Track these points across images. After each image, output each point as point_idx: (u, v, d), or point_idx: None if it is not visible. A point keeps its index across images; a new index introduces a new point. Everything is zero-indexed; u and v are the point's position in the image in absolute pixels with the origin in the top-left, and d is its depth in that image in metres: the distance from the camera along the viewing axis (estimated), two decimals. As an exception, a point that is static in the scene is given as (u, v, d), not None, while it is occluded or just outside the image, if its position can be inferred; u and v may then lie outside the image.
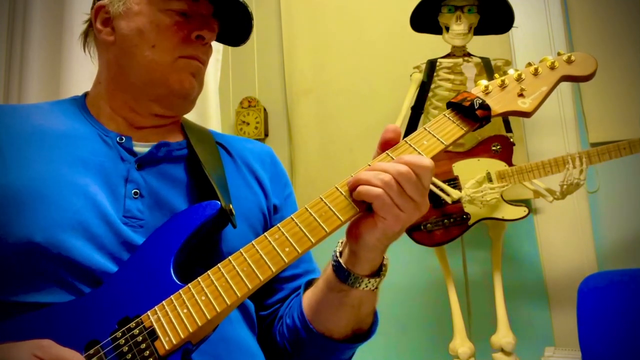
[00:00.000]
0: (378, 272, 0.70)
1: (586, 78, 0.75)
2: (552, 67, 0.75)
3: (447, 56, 1.75)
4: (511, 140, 1.67)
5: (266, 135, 2.39)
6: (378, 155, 0.69)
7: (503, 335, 1.66)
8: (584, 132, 1.90)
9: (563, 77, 0.75)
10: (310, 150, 2.30)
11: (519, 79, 0.74)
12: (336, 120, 2.26)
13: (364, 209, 0.66)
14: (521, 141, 1.91)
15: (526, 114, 0.72)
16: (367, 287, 0.69)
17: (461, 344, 1.70)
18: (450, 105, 0.72)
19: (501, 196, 1.64)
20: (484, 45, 1.79)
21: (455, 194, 1.61)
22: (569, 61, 0.75)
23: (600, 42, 1.90)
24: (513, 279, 1.87)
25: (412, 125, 1.77)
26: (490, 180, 1.64)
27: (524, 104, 0.72)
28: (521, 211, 1.65)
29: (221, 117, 1.70)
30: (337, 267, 0.69)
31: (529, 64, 0.76)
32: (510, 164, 1.65)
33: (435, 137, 0.69)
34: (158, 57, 0.78)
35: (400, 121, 1.80)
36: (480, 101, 0.70)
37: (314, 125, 2.31)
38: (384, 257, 0.70)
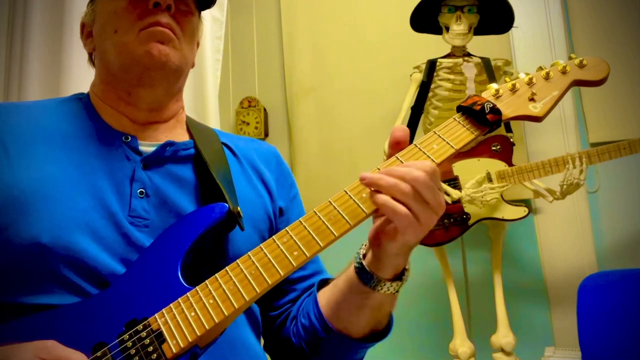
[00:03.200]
0: (400, 276, 0.70)
1: (598, 83, 0.74)
2: (564, 72, 0.74)
3: (447, 56, 1.75)
4: (511, 140, 1.67)
5: (266, 135, 2.39)
6: (389, 157, 0.69)
7: (503, 335, 1.66)
8: (584, 132, 1.90)
9: (575, 82, 0.74)
10: (310, 150, 2.30)
11: (530, 83, 0.73)
12: (336, 120, 2.26)
13: (373, 213, 0.66)
14: (521, 141, 1.91)
15: (537, 119, 0.71)
16: (389, 290, 0.69)
17: (461, 344, 1.70)
18: (461, 109, 0.71)
19: (501, 196, 1.64)
20: (484, 45, 1.79)
21: (455, 194, 1.61)
22: (580, 65, 0.74)
23: (600, 42, 1.90)
24: (513, 279, 1.87)
25: (412, 125, 1.77)
26: (490, 180, 1.64)
27: (535, 109, 0.71)
28: (521, 211, 1.65)
29: (221, 117, 1.70)
30: (360, 270, 0.69)
31: (540, 68, 0.75)
32: (510, 164, 1.65)
33: (445, 140, 0.68)
34: (122, 39, 0.77)
35: (400, 121, 1.80)
36: (491, 105, 0.69)
37: (314, 125, 2.31)
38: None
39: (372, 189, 0.64)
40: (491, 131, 0.70)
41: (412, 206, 0.62)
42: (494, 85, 0.74)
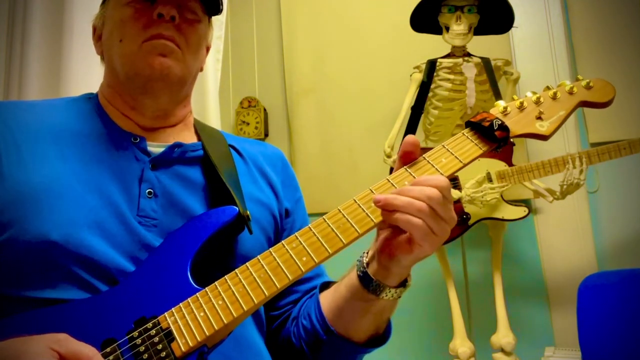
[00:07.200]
0: (404, 282, 0.71)
1: (604, 105, 0.75)
2: (571, 92, 0.76)
3: (447, 56, 1.75)
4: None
5: (266, 135, 2.39)
6: (398, 168, 0.70)
7: (503, 335, 1.66)
8: (584, 132, 1.90)
9: (581, 103, 0.76)
10: (310, 150, 2.30)
11: (537, 102, 0.75)
12: (336, 120, 2.26)
13: (382, 224, 0.67)
14: (521, 141, 1.91)
15: (543, 137, 0.73)
16: (392, 297, 0.70)
17: (461, 344, 1.70)
18: (469, 124, 0.73)
19: (501, 196, 1.64)
20: (484, 45, 1.79)
21: (455, 194, 1.61)
22: (587, 87, 0.76)
23: (600, 42, 1.90)
24: (513, 279, 1.87)
25: (412, 125, 1.77)
26: (490, 180, 1.64)
27: (542, 127, 0.73)
28: (521, 211, 1.65)
29: (221, 117, 1.70)
30: (364, 278, 0.70)
31: (548, 88, 0.77)
32: (510, 164, 1.65)
33: (454, 155, 0.71)
34: (126, 49, 0.78)
35: (400, 121, 1.81)
36: (500, 122, 0.71)
37: (314, 125, 2.31)
38: None
39: (389, 209, 0.64)
40: (499, 147, 0.72)
41: (428, 221, 0.63)
42: (502, 103, 0.76)
